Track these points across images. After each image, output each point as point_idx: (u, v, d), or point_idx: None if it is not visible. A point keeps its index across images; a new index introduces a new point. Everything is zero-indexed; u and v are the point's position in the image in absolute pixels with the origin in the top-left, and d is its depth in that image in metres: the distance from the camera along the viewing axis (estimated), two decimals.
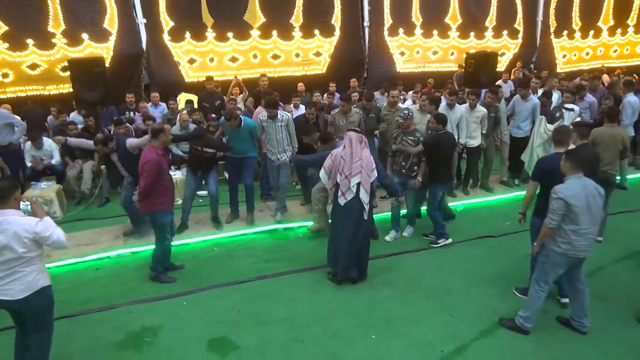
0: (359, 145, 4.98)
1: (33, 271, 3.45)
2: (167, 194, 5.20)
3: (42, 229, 3.39)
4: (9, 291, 3.39)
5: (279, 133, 6.52)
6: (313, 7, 11.31)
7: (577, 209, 3.90)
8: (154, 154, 4.98)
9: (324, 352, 4.19)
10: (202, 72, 10.56)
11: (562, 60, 14.45)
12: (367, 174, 4.95)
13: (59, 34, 9.47)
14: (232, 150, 6.45)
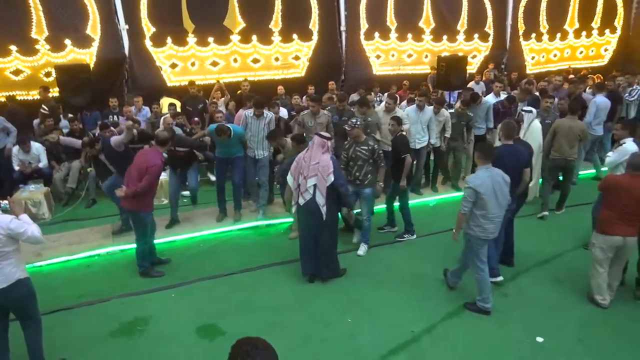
0: (320, 149, 5.16)
1: (9, 265, 3.70)
2: (153, 197, 5.56)
3: (16, 225, 3.67)
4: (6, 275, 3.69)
5: (261, 132, 6.87)
6: (291, 12, 11.65)
7: (485, 196, 4.45)
8: (159, 159, 5.35)
9: (303, 334, 4.56)
10: (183, 76, 10.84)
11: (531, 62, 15.07)
12: (322, 178, 5.10)
13: (42, 40, 9.65)
14: (220, 151, 6.78)
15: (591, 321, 4.76)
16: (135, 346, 4.45)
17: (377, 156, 5.75)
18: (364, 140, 5.76)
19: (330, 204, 5.22)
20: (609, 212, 4.66)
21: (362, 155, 5.72)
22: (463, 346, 4.41)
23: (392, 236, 6.61)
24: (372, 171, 5.81)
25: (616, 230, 4.62)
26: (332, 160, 5.21)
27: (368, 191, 5.88)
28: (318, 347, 4.39)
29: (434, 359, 4.25)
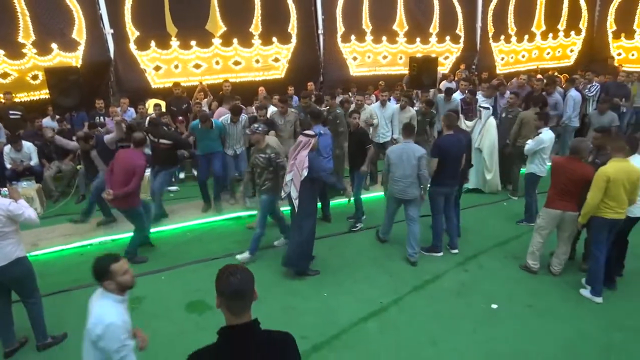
0: (299, 146, 5.50)
1: (9, 244, 4.11)
2: (139, 192, 6.03)
3: (15, 207, 4.10)
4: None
5: (238, 133, 7.47)
6: (271, 16, 12.14)
7: (392, 161, 5.73)
8: (143, 159, 5.82)
9: (284, 305, 5.05)
10: (167, 78, 11.25)
11: (500, 63, 15.80)
12: (298, 172, 5.42)
13: (29, 44, 9.97)
14: (202, 149, 7.25)
15: (541, 290, 5.34)
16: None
17: (275, 165, 5.70)
18: (264, 148, 5.72)
19: (306, 198, 5.48)
20: (551, 190, 5.33)
21: (259, 162, 5.72)
22: (426, 314, 4.94)
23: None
24: (271, 178, 5.77)
25: (557, 205, 5.28)
26: (308, 156, 5.42)
27: (264, 197, 5.85)
28: (297, 316, 4.89)
29: (400, 325, 4.77)
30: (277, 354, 2.08)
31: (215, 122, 7.12)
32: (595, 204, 4.78)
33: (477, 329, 4.68)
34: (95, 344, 2.81)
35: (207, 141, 7.23)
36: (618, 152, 4.80)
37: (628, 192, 4.73)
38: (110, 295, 2.94)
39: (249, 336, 2.02)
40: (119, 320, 2.82)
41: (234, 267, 2.08)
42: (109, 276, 2.93)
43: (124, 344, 2.82)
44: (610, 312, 4.92)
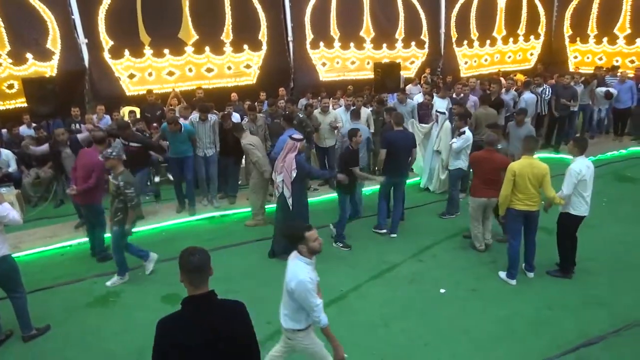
0: (286, 150, 6.10)
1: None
2: (102, 191, 6.46)
3: (0, 210, 4.49)
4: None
5: (207, 133, 7.86)
6: (241, 24, 12.59)
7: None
8: (98, 156, 6.12)
9: (255, 297, 5.48)
10: (141, 85, 11.59)
11: (464, 67, 16.53)
12: (287, 174, 5.97)
13: (4, 54, 10.21)
14: (173, 152, 7.69)
15: (485, 276, 5.93)
16: (109, 313, 5.32)
17: (123, 194, 5.42)
18: (117, 174, 5.47)
19: (297, 196, 6.04)
20: (476, 181, 6.17)
21: (111, 191, 5.53)
22: (381, 299, 5.48)
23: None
24: (121, 208, 5.51)
25: (483, 194, 6.13)
26: (295, 158, 5.95)
27: (115, 228, 5.61)
28: (263, 305, 5.32)
29: (357, 309, 5.30)
30: (229, 317, 2.56)
31: (184, 125, 7.55)
32: (506, 195, 5.44)
33: (426, 312, 5.23)
34: (290, 294, 3.48)
35: (177, 144, 7.62)
36: (526, 152, 5.46)
37: (535, 186, 5.36)
38: (302, 257, 3.53)
39: (207, 303, 2.51)
40: (307, 278, 3.41)
41: (194, 248, 2.57)
42: (302, 241, 3.50)
43: (315, 304, 3.47)
44: (544, 294, 5.53)
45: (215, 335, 2.46)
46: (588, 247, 6.43)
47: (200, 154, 7.92)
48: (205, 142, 7.90)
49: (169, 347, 2.42)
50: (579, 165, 5.37)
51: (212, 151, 8.00)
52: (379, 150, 7.03)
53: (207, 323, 2.47)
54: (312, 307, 3.47)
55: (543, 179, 5.35)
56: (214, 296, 2.54)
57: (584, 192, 5.41)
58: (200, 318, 2.47)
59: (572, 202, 5.47)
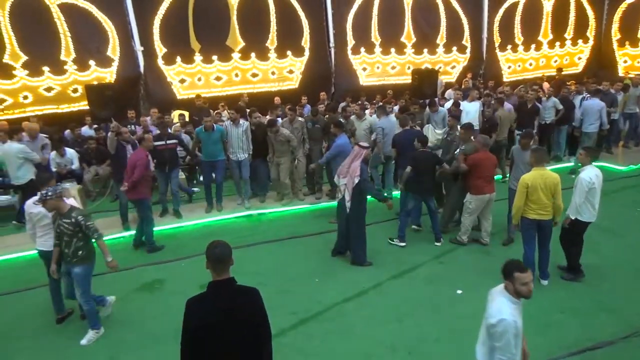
0: (353, 155, 6.53)
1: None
2: (148, 185, 7.17)
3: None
4: (46, 243, 5.23)
5: (240, 137, 8.44)
6: (285, 31, 13.21)
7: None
8: (144, 154, 6.91)
9: (282, 290, 6.04)
10: (191, 90, 12.42)
11: (507, 71, 16.47)
12: (351, 179, 6.38)
13: (70, 61, 11.27)
14: (205, 155, 8.37)
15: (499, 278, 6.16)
16: (153, 298, 5.99)
17: (85, 228, 4.92)
18: (67, 212, 4.91)
19: (356, 202, 6.43)
20: (478, 181, 6.64)
21: (65, 230, 4.89)
22: (398, 297, 5.86)
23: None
24: (83, 245, 5.00)
25: (486, 190, 6.71)
26: (361, 165, 6.38)
27: (78, 270, 5.05)
28: (289, 297, 5.88)
29: (375, 305, 5.71)
30: (245, 300, 3.08)
31: (217, 127, 8.25)
32: (519, 206, 5.69)
33: (440, 310, 5.57)
34: (488, 329, 3.31)
35: (210, 145, 8.24)
36: (537, 163, 5.68)
37: (547, 196, 5.59)
38: (508, 295, 3.35)
39: (227, 287, 3.03)
40: (511, 320, 3.20)
41: (217, 242, 3.09)
42: (511, 279, 3.33)
43: (511, 353, 3.22)
44: (556, 298, 5.74)
45: (232, 315, 2.98)
46: (610, 254, 6.59)
47: (233, 157, 8.52)
48: (238, 146, 8.47)
49: (194, 322, 2.95)
50: (589, 174, 5.59)
51: (244, 155, 8.55)
52: None
53: (226, 304, 2.99)
54: (505, 353, 3.23)
55: (555, 189, 5.57)
56: (233, 282, 3.06)
57: (593, 199, 5.65)
58: (220, 300, 2.99)
59: (581, 209, 5.70)
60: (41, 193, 4.83)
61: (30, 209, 5.20)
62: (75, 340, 5.19)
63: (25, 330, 5.41)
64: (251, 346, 3.03)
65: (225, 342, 2.94)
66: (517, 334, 3.24)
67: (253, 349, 3.04)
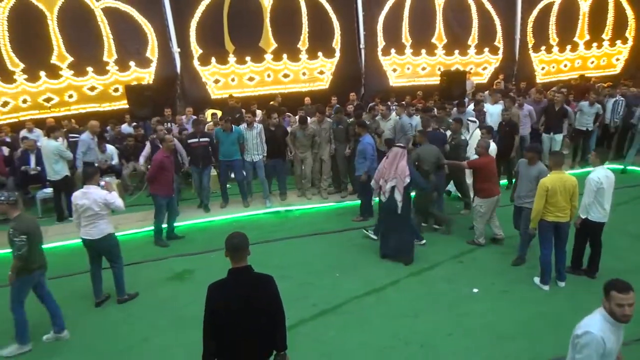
0: (397, 157, 6.65)
1: (103, 223, 5.70)
2: (165, 185, 7.50)
3: (109, 198, 5.66)
4: (89, 232, 5.68)
5: (254, 139, 8.82)
6: (316, 33, 13.51)
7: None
8: (160, 155, 7.39)
9: (305, 283, 6.35)
10: (225, 90, 12.89)
11: (541, 72, 16.28)
12: (401, 179, 6.56)
13: (112, 62, 11.90)
14: (223, 154, 8.74)
15: (519, 280, 6.30)
16: (184, 286, 6.39)
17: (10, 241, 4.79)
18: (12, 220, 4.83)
19: (406, 201, 6.65)
20: (485, 184, 6.77)
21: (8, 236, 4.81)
22: (415, 293, 6.07)
23: None
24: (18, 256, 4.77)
25: (495, 192, 6.92)
26: (408, 164, 6.62)
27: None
28: (310, 290, 6.17)
29: (392, 300, 5.94)
30: (261, 285, 3.41)
31: (235, 128, 8.68)
32: (539, 209, 5.77)
33: (455, 307, 5.74)
34: (572, 340, 3.22)
35: (228, 145, 8.62)
36: (555, 167, 5.80)
37: (565, 199, 5.69)
38: (604, 312, 3.15)
39: (244, 274, 3.36)
40: (598, 334, 3.04)
41: (237, 233, 3.44)
42: (607, 297, 3.13)
43: None
44: (573, 299, 5.82)
45: (250, 301, 3.31)
46: (637, 260, 6.59)
47: (248, 159, 8.92)
48: (253, 148, 8.85)
49: (215, 306, 3.30)
50: (598, 174, 5.73)
51: (259, 157, 8.92)
52: None
53: (243, 289, 3.33)
54: None
55: (573, 191, 5.67)
56: (250, 269, 3.39)
57: (602, 199, 5.75)
58: (239, 285, 3.33)
59: (591, 209, 5.83)
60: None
61: (76, 200, 5.66)
62: (111, 321, 5.65)
63: (68, 312, 5.88)
64: (266, 328, 3.39)
65: (243, 324, 3.29)
66: (605, 355, 3.06)
67: (268, 331, 3.40)
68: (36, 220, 5.40)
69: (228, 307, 3.28)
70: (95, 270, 5.95)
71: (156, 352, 4.24)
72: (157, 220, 7.61)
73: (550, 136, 9.99)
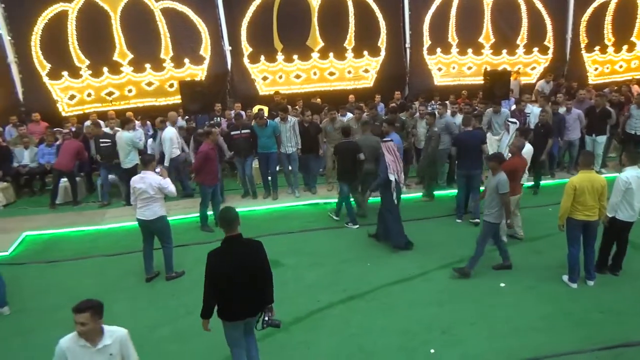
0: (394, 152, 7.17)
1: (157, 205, 6.30)
2: (210, 174, 8.01)
3: (163, 183, 6.24)
4: (144, 213, 6.28)
5: (287, 132, 9.25)
6: (363, 32, 13.82)
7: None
8: (206, 147, 7.89)
9: (335, 270, 6.72)
10: (272, 87, 13.44)
11: (593, 73, 15.85)
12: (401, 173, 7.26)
13: (168, 59, 12.69)
14: (260, 147, 9.17)
15: (548, 278, 6.39)
16: None
17: None
18: None
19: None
20: (512, 183, 6.56)
21: None
22: (442, 285, 6.30)
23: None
24: None
25: (517, 192, 7.07)
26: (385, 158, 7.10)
27: None
28: (341, 277, 6.53)
29: (419, 290, 6.20)
30: (252, 249, 4.14)
31: (269, 122, 9.14)
32: (566, 208, 5.84)
33: (480, 300, 5.94)
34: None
35: (264, 139, 9.05)
36: (584, 166, 5.91)
37: (594, 198, 5.75)
38: None
39: (236, 241, 4.08)
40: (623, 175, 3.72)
41: (227, 208, 4.16)
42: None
43: None
44: (599, 299, 5.87)
45: (244, 262, 4.03)
46: None
47: (283, 151, 9.35)
48: (286, 140, 9.27)
49: (216, 269, 3.99)
50: (627, 174, 5.80)
51: (292, 149, 9.35)
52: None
53: (239, 254, 4.06)
54: None
55: (602, 191, 5.74)
56: (241, 237, 4.12)
57: (631, 199, 5.79)
58: (235, 250, 4.05)
59: (619, 208, 5.89)
60: None
61: (134, 184, 6.28)
62: (159, 295, 6.25)
63: (122, 285, 6.55)
64: (259, 286, 4.15)
65: (240, 283, 4.02)
66: None
67: (260, 288, 4.17)
68: None
69: (228, 270, 3.98)
70: (147, 248, 6.56)
71: (198, 323, 4.69)
72: (203, 207, 8.18)
73: (592, 138, 9.87)
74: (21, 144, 10.50)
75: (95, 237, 8.19)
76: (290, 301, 5.85)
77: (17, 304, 6.14)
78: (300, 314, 5.68)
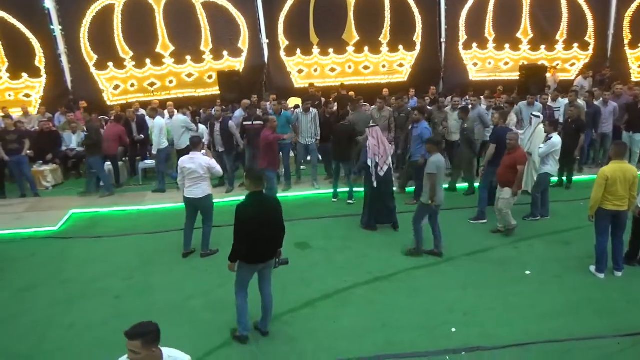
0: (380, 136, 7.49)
1: (204, 184, 6.65)
2: (273, 160, 8.35)
3: (211, 163, 6.60)
4: (193, 192, 6.63)
5: (308, 123, 9.45)
6: (398, 26, 13.94)
7: None
8: (267, 132, 8.18)
9: (361, 254, 6.91)
10: (307, 79, 13.72)
11: (637, 70, 15.42)
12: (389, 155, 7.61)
13: (207, 52, 13.15)
14: None
15: (574, 267, 6.41)
16: None
17: None
18: None
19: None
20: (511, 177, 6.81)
21: None
22: (466, 271, 6.39)
23: None
24: None
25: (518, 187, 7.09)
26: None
27: None
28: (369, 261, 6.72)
29: (443, 274, 6.33)
30: (272, 205, 4.90)
31: (284, 113, 9.47)
32: (597, 198, 5.84)
33: (504, 286, 6.02)
34: None
35: (278, 127, 9.02)
36: (616, 157, 5.89)
37: (625, 189, 5.75)
38: None
39: (259, 196, 4.78)
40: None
41: (254, 169, 4.77)
42: None
43: None
44: (626, 289, 5.87)
45: (266, 212, 4.77)
46: None
47: (302, 142, 9.59)
48: (306, 131, 9.47)
49: (244, 217, 4.64)
50: None
51: (312, 140, 9.58)
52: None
53: (259, 206, 4.75)
54: None
55: (634, 182, 5.73)
56: (262, 193, 4.86)
57: None
58: (255, 203, 4.74)
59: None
60: None
61: (183, 164, 6.65)
62: (194, 270, 6.62)
63: (161, 259, 6.95)
64: (277, 234, 4.92)
65: (263, 231, 4.71)
66: None
67: (277, 236, 4.94)
68: None
69: (257, 217, 4.68)
70: (189, 225, 6.95)
71: (230, 294, 5.01)
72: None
73: (630, 135, 9.69)
74: (69, 129, 11.13)
75: (136, 217, 8.67)
76: (320, 280, 6.16)
77: (63, 274, 6.63)
78: (328, 292, 5.92)
